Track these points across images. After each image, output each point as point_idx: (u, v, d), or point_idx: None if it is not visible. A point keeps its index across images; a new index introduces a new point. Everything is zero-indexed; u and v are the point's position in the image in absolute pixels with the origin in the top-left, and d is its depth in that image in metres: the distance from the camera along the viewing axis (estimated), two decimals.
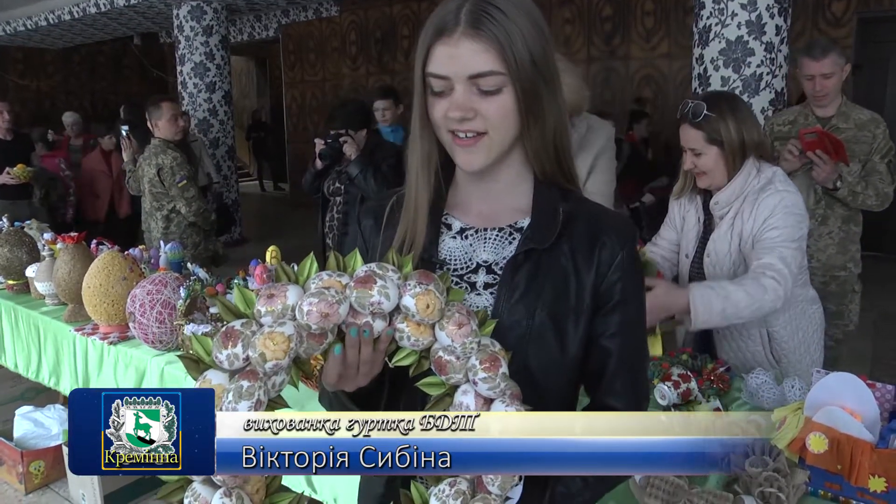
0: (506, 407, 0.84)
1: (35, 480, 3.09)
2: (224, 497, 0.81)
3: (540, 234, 0.95)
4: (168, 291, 2.31)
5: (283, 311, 0.80)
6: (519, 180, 0.99)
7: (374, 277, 0.81)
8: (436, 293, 0.82)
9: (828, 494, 1.43)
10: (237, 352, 0.80)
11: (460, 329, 0.83)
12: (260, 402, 0.79)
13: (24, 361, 2.97)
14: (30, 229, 3.50)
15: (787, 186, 1.90)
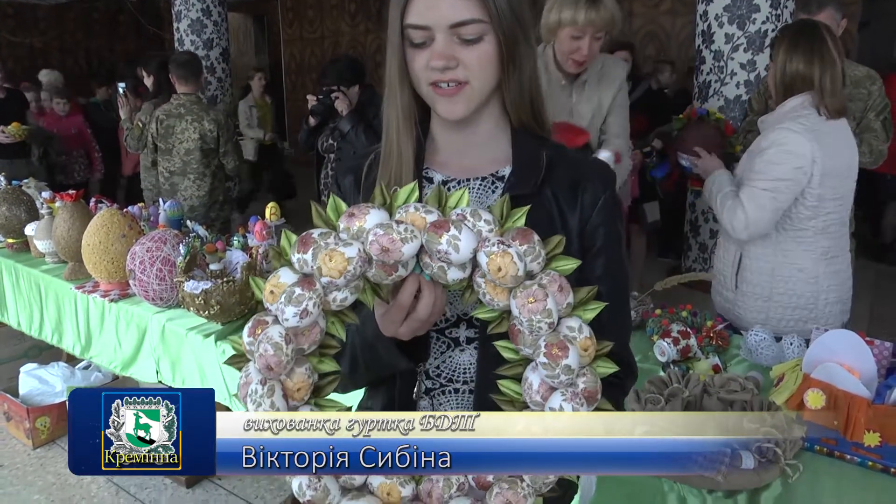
0: (563, 401, 0.79)
1: (42, 436, 3.14)
2: (258, 384, 0.80)
3: (523, 180, 0.96)
4: (168, 248, 2.31)
5: (358, 233, 0.78)
6: (496, 130, 1.00)
7: (447, 225, 0.76)
8: (515, 258, 0.76)
9: (823, 449, 1.45)
10: (307, 258, 0.78)
11: (531, 304, 0.77)
12: (307, 311, 0.76)
13: (27, 319, 2.98)
14: (27, 188, 3.48)
15: (789, 129, 1.96)
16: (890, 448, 1.37)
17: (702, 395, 1.54)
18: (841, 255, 2.08)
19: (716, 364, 1.75)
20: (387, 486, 0.85)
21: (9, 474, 2.96)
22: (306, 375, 0.83)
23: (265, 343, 0.77)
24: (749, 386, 1.52)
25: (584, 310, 0.83)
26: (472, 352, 1.01)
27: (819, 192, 1.95)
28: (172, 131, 3.76)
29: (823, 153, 1.92)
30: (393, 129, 0.95)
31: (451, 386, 1.02)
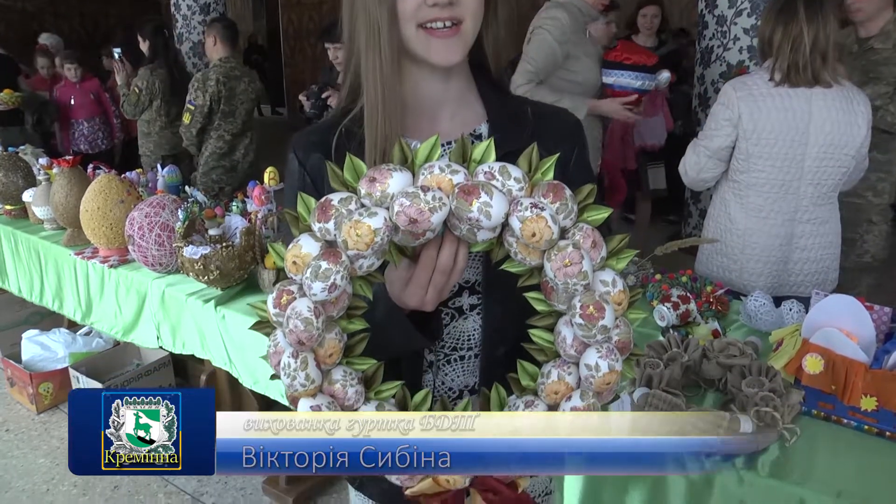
0: (598, 358, 0.78)
1: (45, 401, 3.17)
2: (290, 358, 0.79)
3: (510, 136, 0.93)
4: (166, 214, 2.30)
5: (381, 199, 0.73)
6: (466, 89, 0.97)
7: (479, 190, 0.72)
8: (549, 221, 0.73)
9: (820, 414, 1.46)
10: (329, 227, 0.75)
11: (567, 267, 0.74)
12: (335, 285, 0.73)
13: (27, 285, 2.99)
14: (24, 154, 3.46)
15: (731, 86, 2.12)
16: (886, 412, 1.38)
17: (701, 360, 1.54)
18: (778, 218, 2.11)
19: (715, 329, 1.75)
20: None
21: (14, 438, 2.99)
22: (337, 340, 0.81)
23: (294, 319, 0.75)
24: (748, 351, 1.52)
25: (616, 259, 0.81)
26: (475, 318, 1.00)
27: (746, 148, 2.08)
28: (234, 93, 3.76)
29: (753, 115, 2.04)
30: (378, 83, 0.87)
31: (457, 354, 1.02)
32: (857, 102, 2.02)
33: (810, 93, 2.01)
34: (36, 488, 2.65)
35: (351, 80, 0.94)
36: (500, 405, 0.88)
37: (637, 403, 1.41)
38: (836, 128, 2.01)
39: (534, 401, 0.85)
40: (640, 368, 1.48)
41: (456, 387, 1.04)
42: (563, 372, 0.82)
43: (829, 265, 2.18)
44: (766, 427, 1.33)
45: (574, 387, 0.83)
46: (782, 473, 1.30)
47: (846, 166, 2.06)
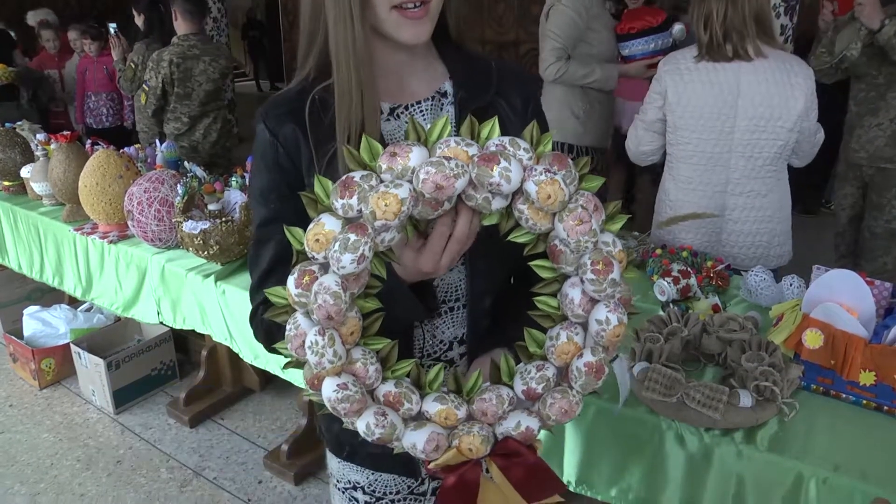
0: (608, 312, 0.84)
1: (47, 377, 3.19)
2: (318, 335, 0.80)
3: (476, 92, 0.98)
4: (165, 189, 2.29)
5: (403, 172, 0.77)
6: (426, 47, 1.00)
7: (498, 157, 0.77)
8: (562, 184, 0.78)
9: (819, 389, 1.46)
10: (352, 203, 0.78)
11: (579, 226, 0.79)
12: (364, 256, 0.76)
13: (27, 262, 2.99)
14: (21, 130, 3.44)
15: (663, 62, 2.19)
16: (884, 387, 1.38)
17: (701, 335, 1.54)
18: (707, 190, 2.14)
19: (715, 304, 1.75)
20: (444, 410, 0.88)
21: (18, 413, 3.01)
22: (357, 318, 0.83)
23: (323, 294, 0.77)
24: (748, 325, 1.52)
25: (612, 223, 0.87)
26: (459, 269, 1.03)
27: (673, 122, 2.13)
28: (190, 74, 3.60)
29: (678, 88, 2.09)
30: (350, 61, 0.89)
31: (445, 306, 1.05)
32: (795, 74, 2.00)
33: (738, 66, 2.01)
34: (40, 462, 2.67)
35: (319, 54, 0.93)
36: (510, 374, 0.92)
37: (637, 377, 1.41)
38: (768, 100, 2.00)
39: (544, 364, 0.90)
40: (640, 343, 1.48)
41: (446, 339, 1.07)
42: (571, 333, 0.88)
43: (770, 239, 2.17)
44: (765, 401, 1.34)
45: (582, 346, 0.88)
46: (781, 448, 1.31)
47: (782, 139, 2.04)
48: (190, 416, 2.88)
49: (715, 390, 1.32)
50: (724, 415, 1.31)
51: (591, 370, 0.86)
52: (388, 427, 0.85)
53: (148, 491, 2.51)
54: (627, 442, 1.45)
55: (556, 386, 0.90)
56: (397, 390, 0.87)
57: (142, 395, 3.06)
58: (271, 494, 2.49)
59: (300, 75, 0.97)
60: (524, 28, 8.53)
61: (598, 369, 0.86)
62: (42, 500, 2.48)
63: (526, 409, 0.91)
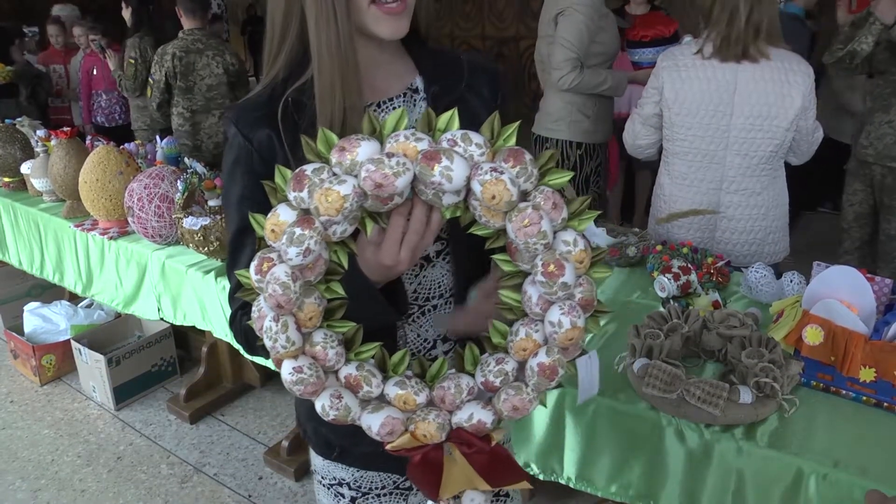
0: (561, 315, 0.82)
1: (48, 373, 3.19)
2: (272, 322, 0.83)
3: (447, 87, 0.99)
4: (165, 185, 2.29)
5: (351, 167, 0.77)
6: (395, 46, 1.00)
7: (439, 155, 0.75)
8: (508, 184, 0.76)
9: (819, 385, 1.46)
10: (303, 196, 0.78)
11: (527, 227, 0.78)
12: (309, 250, 0.77)
13: (28, 258, 2.99)
14: (21, 126, 3.43)
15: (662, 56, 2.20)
16: (884, 383, 1.38)
17: (701, 331, 1.54)
18: (702, 186, 2.14)
19: (716, 300, 1.75)
20: (402, 395, 0.89)
21: (19, 409, 3.01)
22: (316, 303, 0.84)
23: (273, 284, 0.79)
24: (748, 322, 1.52)
25: (578, 220, 0.84)
26: (442, 264, 1.03)
27: (669, 117, 2.14)
28: (193, 68, 3.61)
29: (675, 84, 2.09)
30: (334, 58, 0.88)
31: (429, 304, 1.04)
32: (793, 73, 1.99)
33: (736, 65, 2.01)
34: (41, 459, 2.68)
35: (291, 52, 0.92)
36: (474, 363, 0.93)
37: (637, 374, 1.41)
38: (765, 98, 1.99)
39: (504, 358, 0.90)
40: (640, 339, 1.48)
41: (430, 337, 1.07)
42: (530, 329, 0.87)
43: (764, 237, 2.17)
44: (765, 398, 1.34)
45: (541, 343, 0.87)
46: (781, 444, 1.31)
47: (778, 138, 2.03)
48: (190, 413, 2.88)
49: (715, 386, 1.32)
50: (724, 411, 1.31)
51: (544, 371, 0.86)
52: (342, 409, 0.88)
53: (148, 487, 2.51)
54: (628, 438, 1.45)
55: (514, 381, 0.90)
56: (358, 373, 0.88)
57: (142, 392, 3.06)
58: (272, 490, 2.49)
59: (268, 77, 0.95)
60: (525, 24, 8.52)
61: (552, 370, 0.86)
62: (43, 496, 2.48)
63: (482, 401, 0.91)
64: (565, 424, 1.52)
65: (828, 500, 1.24)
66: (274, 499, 2.45)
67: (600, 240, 2.04)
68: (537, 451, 1.58)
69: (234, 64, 3.70)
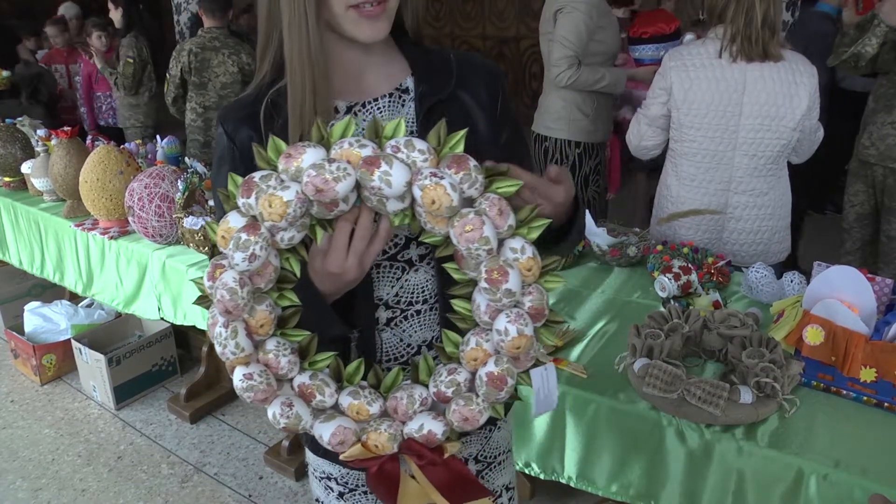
0: (507, 322, 0.82)
1: (48, 373, 3.19)
2: (222, 327, 0.83)
3: (436, 87, 0.98)
4: (166, 185, 2.29)
5: (296, 174, 0.78)
6: (386, 44, 0.99)
7: (379, 160, 0.76)
8: (448, 189, 0.76)
9: (820, 385, 1.46)
10: (251, 202, 0.79)
11: (468, 233, 0.77)
12: (255, 255, 0.78)
13: (28, 258, 2.99)
14: (22, 126, 3.43)
15: (669, 55, 2.18)
16: (884, 383, 1.38)
17: (701, 331, 1.54)
18: (710, 187, 2.14)
19: (716, 300, 1.75)
20: (355, 405, 0.89)
21: (19, 409, 3.01)
22: (268, 311, 0.85)
23: (221, 289, 0.80)
24: (748, 322, 1.52)
25: (528, 229, 0.84)
26: (426, 269, 1.02)
27: (678, 118, 2.12)
28: (208, 65, 3.66)
29: (684, 85, 2.08)
30: (305, 63, 0.88)
31: (413, 308, 1.04)
32: (800, 73, 2.00)
33: (745, 65, 2.01)
34: (42, 458, 2.68)
35: (275, 54, 0.93)
36: (428, 373, 0.93)
37: (638, 374, 1.41)
38: (773, 99, 1.99)
39: (457, 368, 0.90)
40: (641, 339, 1.48)
41: (414, 342, 1.05)
42: (481, 339, 0.87)
43: (771, 237, 2.17)
44: (765, 398, 1.34)
45: (491, 353, 0.87)
46: (781, 444, 1.31)
47: (785, 138, 2.03)
48: (191, 412, 2.88)
49: (715, 386, 1.32)
50: (724, 411, 1.31)
51: (493, 381, 0.86)
52: (293, 418, 0.88)
53: (149, 486, 2.51)
54: (628, 438, 1.45)
55: (466, 391, 0.89)
56: (311, 382, 0.89)
57: (142, 391, 3.06)
58: (272, 490, 2.49)
59: (257, 78, 0.97)
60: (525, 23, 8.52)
61: (500, 380, 0.85)
62: (43, 496, 2.48)
63: (434, 412, 0.91)
64: (566, 424, 1.52)
65: (828, 501, 1.24)
66: (274, 498, 2.45)
67: (601, 240, 2.04)
68: (538, 450, 1.58)
69: (250, 63, 3.71)
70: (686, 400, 1.34)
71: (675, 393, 1.34)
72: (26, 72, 5.08)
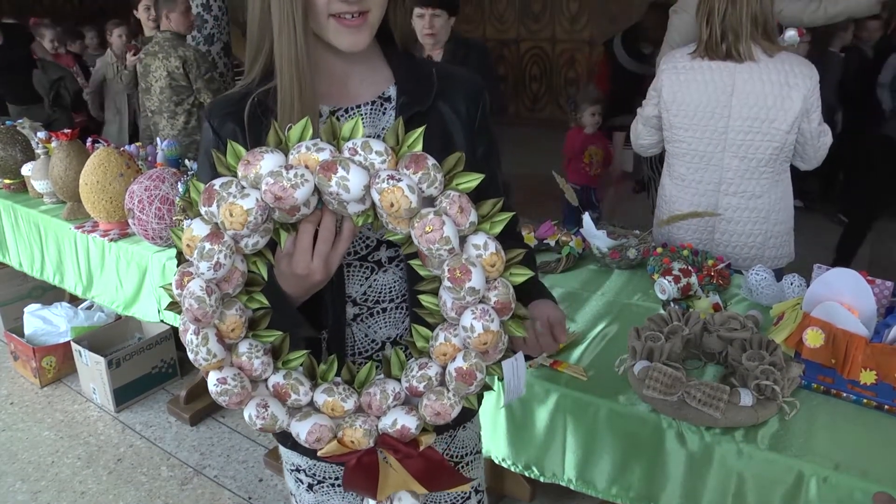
0: (473, 319, 0.82)
1: (48, 375, 3.19)
2: (193, 335, 0.84)
3: (416, 97, 1.00)
4: (166, 187, 2.29)
5: (255, 180, 0.78)
6: (372, 53, 1.01)
7: (336, 165, 0.75)
8: (406, 191, 0.75)
9: (820, 387, 1.46)
10: (213, 210, 0.79)
11: (428, 234, 0.78)
12: (220, 264, 0.78)
13: (28, 260, 2.99)
14: (22, 128, 3.44)
15: (665, 59, 2.21)
16: (885, 386, 1.38)
17: (702, 333, 1.55)
18: (700, 188, 2.15)
19: (716, 302, 1.75)
20: (330, 402, 0.90)
21: (19, 411, 3.01)
22: (238, 315, 0.85)
23: (188, 298, 0.80)
24: (749, 324, 1.52)
25: (490, 223, 0.84)
26: (394, 270, 1.04)
27: (668, 119, 2.15)
28: (149, 70, 3.71)
29: (673, 86, 2.11)
30: (293, 68, 0.90)
31: (379, 307, 1.06)
32: (793, 75, 1.98)
33: (734, 66, 2.01)
34: (41, 460, 2.68)
35: (266, 60, 0.95)
36: (400, 368, 0.93)
37: (638, 376, 1.41)
38: (762, 100, 1.99)
39: (427, 363, 0.90)
40: (641, 341, 1.48)
41: (378, 338, 1.08)
42: (449, 334, 0.87)
43: (764, 241, 2.15)
44: (765, 400, 1.34)
45: (460, 348, 0.87)
46: (781, 446, 1.31)
47: (777, 141, 2.02)
48: (191, 414, 2.88)
49: (716, 389, 1.32)
50: (724, 413, 1.31)
51: (462, 376, 0.86)
52: (269, 418, 0.89)
53: (149, 489, 2.51)
54: (628, 440, 1.45)
55: (437, 385, 0.90)
56: (285, 381, 0.90)
57: (142, 393, 3.06)
58: (272, 492, 2.49)
59: (246, 80, 0.98)
60: (525, 26, 8.53)
61: (468, 375, 0.86)
62: (43, 498, 2.48)
63: (407, 406, 0.92)
64: (566, 426, 1.52)
65: (828, 503, 1.24)
66: (274, 500, 2.45)
67: (601, 242, 2.04)
68: (538, 452, 1.58)
69: (179, 67, 3.66)
70: (686, 402, 1.34)
71: (676, 395, 1.34)
72: (44, 78, 4.94)
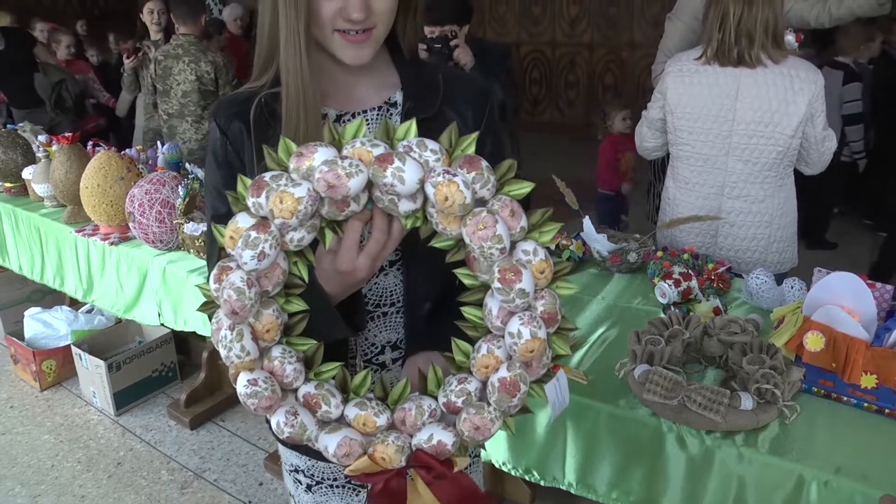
0: (521, 325, 0.81)
1: (48, 378, 3.19)
2: (227, 330, 0.83)
3: (423, 103, 1.01)
4: (167, 190, 2.29)
5: (307, 172, 0.78)
6: (380, 59, 1.02)
7: (392, 157, 0.76)
8: (461, 186, 0.76)
9: (821, 391, 1.46)
10: (261, 202, 0.79)
11: (481, 231, 0.77)
12: (264, 253, 0.78)
13: (28, 263, 2.99)
14: (23, 131, 3.44)
15: (670, 62, 2.21)
16: (885, 389, 1.38)
17: (702, 337, 1.54)
18: (703, 191, 2.16)
19: (716, 306, 1.75)
20: (362, 416, 0.87)
21: (19, 415, 3.01)
22: (274, 316, 0.84)
23: (228, 289, 0.79)
24: (749, 328, 1.52)
25: (539, 232, 0.84)
26: (395, 274, 1.05)
27: (672, 122, 2.16)
28: (170, 72, 3.67)
29: (678, 90, 2.11)
30: (298, 79, 0.91)
31: (379, 311, 1.06)
32: (799, 80, 1.98)
33: (739, 70, 2.02)
34: (41, 464, 2.67)
35: (276, 70, 0.96)
36: (437, 384, 0.91)
37: (638, 380, 1.41)
38: (767, 105, 1.99)
39: (467, 377, 0.88)
40: (641, 345, 1.48)
41: (378, 342, 1.09)
42: (492, 346, 0.85)
43: (767, 245, 2.15)
44: (766, 404, 1.34)
45: (503, 359, 0.85)
46: (782, 450, 1.31)
47: (781, 145, 2.02)
48: (191, 418, 2.88)
49: (716, 393, 1.32)
50: (725, 417, 1.30)
51: (505, 386, 0.84)
52: (297, 427, 0.86)
53: (149, 493, 2.51)
54: (628, 444, 1.45)
55: (477, 400, 0.88)
56: (317, 392, 0.88)
57: (142, 397, 3.06)
58: (272, 496, 2.49)
59: (253, 83, 0.99)
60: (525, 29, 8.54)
61: (513, 386, 0.83)
62: (42, 502, 2.48)
63: (443, 423, 0.89)
64: (566, 430, 1.52)
65: None
66: None
67: (601, 246, 2.05)
68: (538, 456, 1.58)
69: (210, 73, 3.68)
70: (686, 406, 1.34)
71: (676, 399, 1.34)
72: (45, 81, 4.92)
